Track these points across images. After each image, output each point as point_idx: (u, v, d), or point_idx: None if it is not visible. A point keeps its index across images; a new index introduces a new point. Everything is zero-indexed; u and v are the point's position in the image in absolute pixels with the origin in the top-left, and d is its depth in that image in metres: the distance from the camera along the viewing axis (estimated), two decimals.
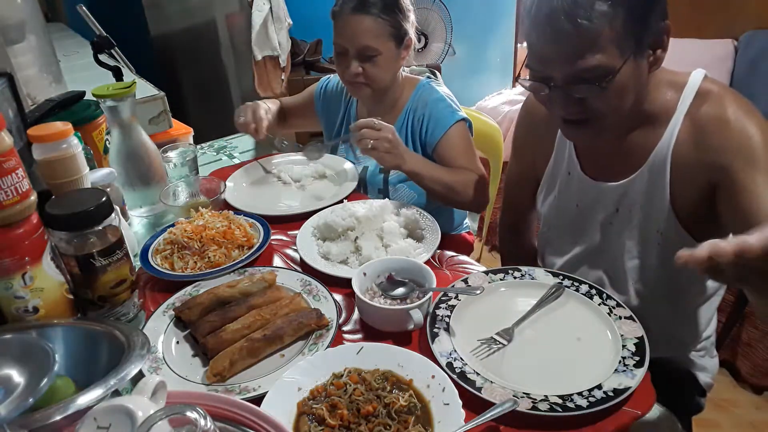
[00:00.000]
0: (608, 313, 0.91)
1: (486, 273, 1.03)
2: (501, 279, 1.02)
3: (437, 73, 1.63)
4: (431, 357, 0.83)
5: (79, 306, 0.90)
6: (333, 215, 1.18)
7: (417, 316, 0.89)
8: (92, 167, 1.19)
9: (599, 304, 0.94)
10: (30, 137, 0.96)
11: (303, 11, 3.08)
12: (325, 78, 1.67)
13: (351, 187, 1.38)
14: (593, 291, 0.96)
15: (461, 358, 0.83)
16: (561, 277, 1.00)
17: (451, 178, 1.35)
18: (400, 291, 0.97)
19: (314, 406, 0.75)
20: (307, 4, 3.06)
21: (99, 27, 1.60)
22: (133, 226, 1.30)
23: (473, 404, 0.75)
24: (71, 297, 0.88)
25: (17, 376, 0.60)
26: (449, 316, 0.92)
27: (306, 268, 1.09)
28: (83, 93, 1.44)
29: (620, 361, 0.81)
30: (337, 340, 0.91)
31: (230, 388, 0.81)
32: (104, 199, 0.88)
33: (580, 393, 0.76)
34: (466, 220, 1.74)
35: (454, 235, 1.67)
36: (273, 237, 1.20)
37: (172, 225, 1.16)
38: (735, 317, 1.87)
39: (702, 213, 0.94)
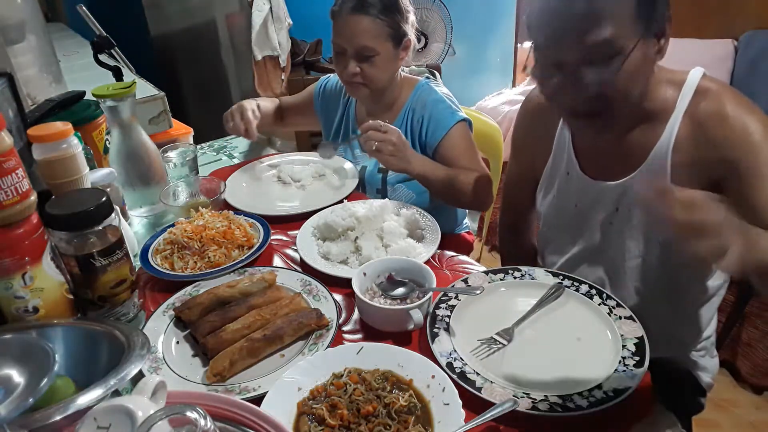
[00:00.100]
0: (608, 313, 0.91)
1: (486, 273, 1.03)
2: (501, 279, 1.02)
3: (436, 74, 1.63)
4: (431, 357, 0.83)
5: (79, 306, 0.90)
6: (333, 215, 1.18)
7: (417, 316, 0.89)
8: (92, 167, 1.19)
9: (599, 304, 0.94)
10: (30, 137, 0.96)
11: (303, 11, 3.08)
12: (325, 77, 1.67)
13: (351, 187, 1.38)
14: (593, 291, 0.96)
15: (461, 358, 0.83)
16: (561, 277, 1.00)
17: (457, 179, 1.35)
18: (400, 291, 0.97)
19: (314, 406, 0.75)
20: (307, 4, 3.06)
21: (99, 27, 1.60)
22: (133, 226, 1.30)
23: (473, 404, 0.75)
24: (71, 297, 0.88)
25: (17, 376, 0.60)
26: (449, 316, 0.92)
27: (306, 268, 1.09)
28: (83, 93, 1.44)
29: (620, 361, 0.81)
30: (337, 340, 0.91)
31: (230, 388, 0.81)
32: (104, 199, 0.88)
33: (580, 393, 0.76)
34: (466, 220, 1.74)
35: (454, 235, 1.67)
36: (273, 237, 1.20)
37: (172, 225, 1.16)
38: (735, 317, 1.87)
39: None
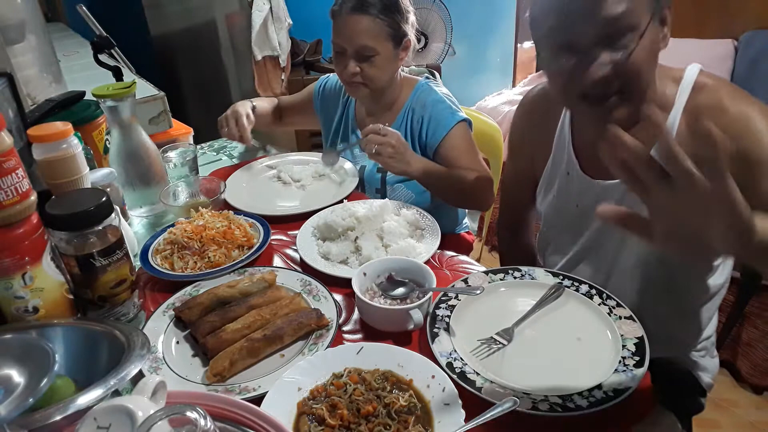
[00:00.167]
0: (608, 313, 0.91)
1: (486, 273, 1.03)
2: (501, 279, 1.01)
3: (436, 74, 1.63)
4: (431, 357, 0.83)
5: (79, 306, 0.90)
6: (333, 215, 1.18)
7: (417, 316, 0.89)
8: (92, 167, 1.19)
9: (599, 304, 0.94)
10: (30, 137, 0.96)
11: (303, 11, 3.08)
12: (324, 77, 1.67)
13: (351, 187, 1.38)
14: (593, 291, 0.96)
15: (461, 358, 0.83)
16: (561, 277, 1.00)
17: (457, 179, 1.35)
18: (400, 291, 0.97)
19: (314, 406, 0.75)
20: (307, 4, 3.06)
21: (99, 27, 1.60)
22: (133, 226, 1.30)
23: (473, 404, 0.75)
24: (71, 297, 0.88)
25: (17, 376, 0.60)
26: (449, 316, 0.92)
27: (306, 268, 1.09)
28: (83, 93, 1.44)
29: (620, 361, 0.81)
30: (337, 340, 0.91)
31: (230, 388, 0.81)
32: (104, 199, 0.88)
33: (580, 393, 0.76)
34: (466, 220, 1.74)
35: (454, 235, 1.67)
36: (273, 237, 1.20)
37: (172, 225, 1.16)
38: (735, 317, 1.87)
39: None
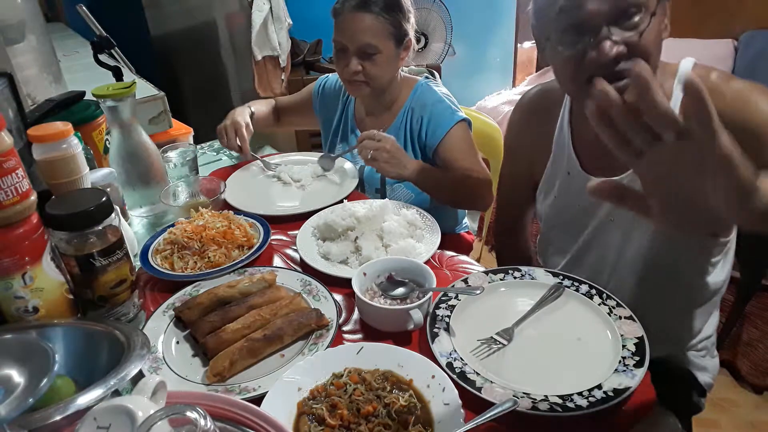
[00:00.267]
0: (608, 313, 0.91)
1: (486, 273, 1.03)
2: (501, 279, 1.01)
3: (435, 74, 1.63)
4: (431, 357, 0.83)
5: (79, 306, 0.90)
6: (333, 215, 1.18)
7: (417, 316, 0.89)
8: (92, 167, 1.19)
9: (599, 304, 0.94)
10: (30, 137, 0.96)
11: (303, 11, 3.09)
12: (324, 77, 1.68)
13: (351, 187, 1.38)
14: (593, 291, 0.96)
15: (461, 358, 0.83)
16: (561, 277, 1.00)
17: (455, 181, 1.35)
18: (400, 291, 0.97)
19: (314, 406, 0.75)
20: (307, 4, 3.06)
21: (99, 27, 1.60)
22: (133, 226, 1.30)
23: (473, 404, 0.75)
24: (71, 297, 0.88)
25: (17, 376, 0.60)
26: (449, 316, 0.92)
27: (306, 268, 1.09)
28: (83, 93, 1.44)
29: (620, 361, 0.81)
30: (337, 340, 0.91)
31: (230, 388, 0.81)
32: (104, 199, 0.88)
33: (580, 393, 0.76)
34: (466, 220, 1.74)
35: (454, 235, 1.67)
36: (273, 237, 1.20)
37: (172, 225, 1.16)
38: (735, 317, 1.87)
39: None
